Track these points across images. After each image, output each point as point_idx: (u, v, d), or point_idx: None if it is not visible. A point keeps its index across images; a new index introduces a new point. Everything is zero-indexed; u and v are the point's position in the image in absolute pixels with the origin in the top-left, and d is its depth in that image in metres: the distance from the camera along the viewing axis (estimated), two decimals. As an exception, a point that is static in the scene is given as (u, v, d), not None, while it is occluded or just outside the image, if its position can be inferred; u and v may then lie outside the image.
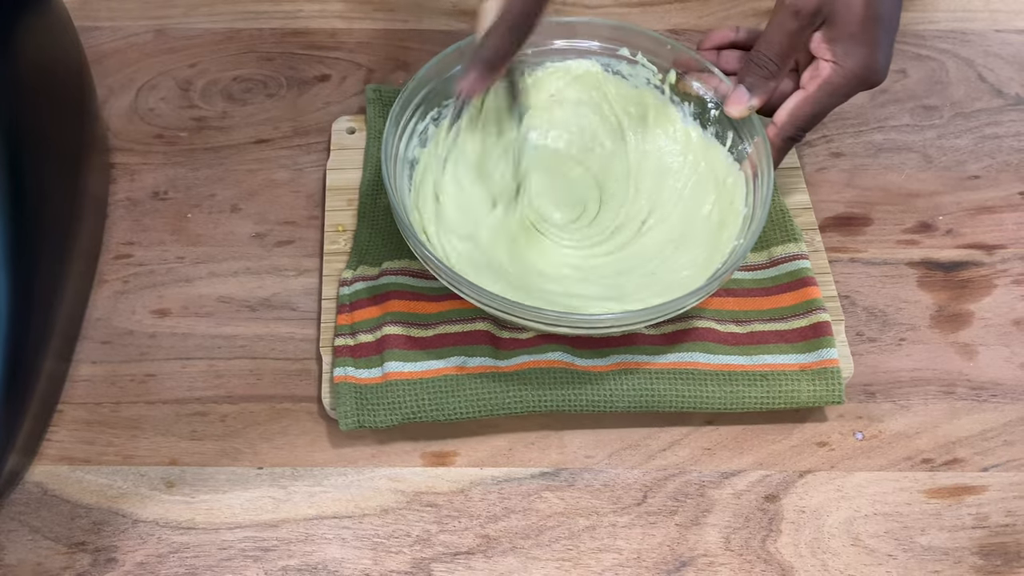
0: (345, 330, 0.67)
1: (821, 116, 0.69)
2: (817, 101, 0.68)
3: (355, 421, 0.64)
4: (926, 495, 0.64)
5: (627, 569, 0.61)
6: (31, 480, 0.63)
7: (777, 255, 0.71)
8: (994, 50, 0.87)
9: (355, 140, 0.77)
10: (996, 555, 0.62)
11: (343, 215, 0.74)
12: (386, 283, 0.69)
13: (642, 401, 0.65)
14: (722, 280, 0.63)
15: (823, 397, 0.65)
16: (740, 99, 0.68)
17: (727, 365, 0.66)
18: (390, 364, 0.65)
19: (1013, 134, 0.81)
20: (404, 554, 0.61)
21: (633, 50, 0.73)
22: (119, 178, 0.76)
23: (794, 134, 0.69)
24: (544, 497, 0.64)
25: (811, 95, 0.68)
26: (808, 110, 0.68)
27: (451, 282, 0.63)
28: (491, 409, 0.64)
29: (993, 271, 0.74)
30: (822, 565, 0.62)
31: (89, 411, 0.66)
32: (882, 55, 0.67)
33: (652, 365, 0.66)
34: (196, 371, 0.68)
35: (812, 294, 0.69)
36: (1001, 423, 0.67)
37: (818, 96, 0.68)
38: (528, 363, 0.65)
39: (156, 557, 0.61)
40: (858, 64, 0.67)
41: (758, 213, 0.66)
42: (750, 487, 0.64)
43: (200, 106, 0.81)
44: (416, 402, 0.64)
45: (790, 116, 0.69)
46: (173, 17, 0.86)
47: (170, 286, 0.71)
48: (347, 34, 0.86)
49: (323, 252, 0.72)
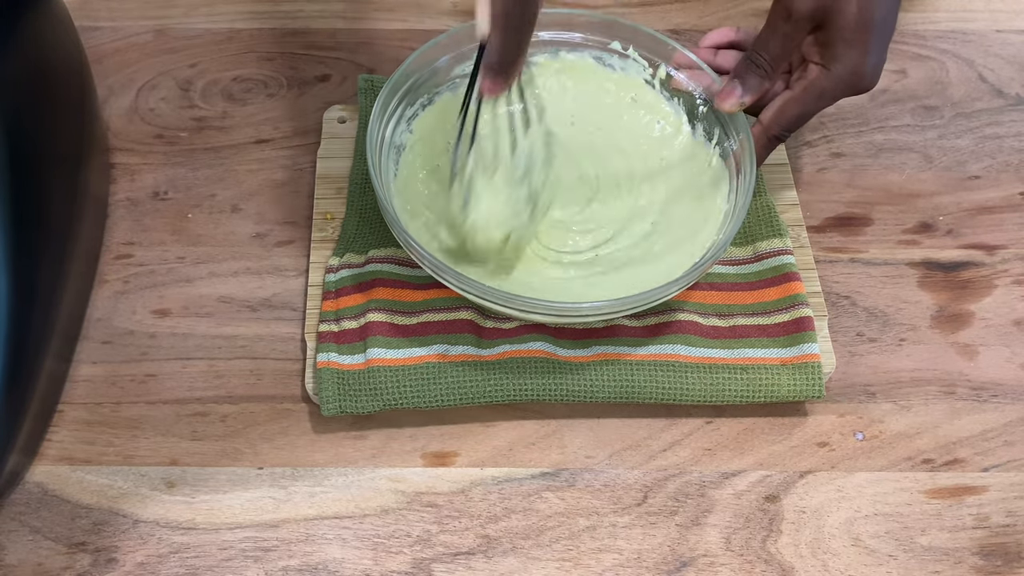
0: (330, 316, 0.67)
1: (807, 118, 0.69)
2: (803, 103, 0.68)
3: (337, 407, 0.64)
4: (927, 495, 0.65)
5: (627, 569, 0.61)
6: (31, 480, 0.63)
7: (762, 250, 0.71)
8: (994, 50, 0.87)
9: (346, 129, 0.78)
10: (996, 555, 0.62)
11: (332, 203, 0.74)
12: (372, 271, 0.69)
13: (622, 392, 0.65)
14: (702, 271, 0.64)
15: (803, 391, 0.66)
16: (732, 94, 0.69)
17: (708, 358, 0.66)
18: (373, 351, 0.65)
19: (1014, 134, 0.81)
20: (404, 554, 0.61)
21: (624, 44, 0.74)
22: (119, 178, 0.76)
23: (778, 133, 0.69)
24: (544, 497, 0.64)
25: (797, 96, 0.68)
26: (793, 111, 0.69)
27: (434, 269, 0.63)
28: (472, 397, 0.65)
29: (993, 271, 0.74)
30: (822, 565, 0.62)
31: (89, 411, 0.66)
32: (872, 62, 0.67)
33: (633, 356, 0.66)
34: (196, 371, 0.68)
35: (795, 289, 0.69)
36: (1001, 423, 0.67)
37: (804, 98, 0.68)
38: (510, 352, 0.66)
39: (156, 557, 0.61)
40: (846, 69, 0.67)
41: (740, 208, 0.66)
42: (750, 487, 0.64)
43: (200, 106, 0.81)
44: (398, 389, 0.64)
45: (775, 116, 0.69)
46: (173, 17, 0.86)
47: (170, 286, 0.71)
48: (347, 34, 0.86)
49: (311, 239, 0.72)
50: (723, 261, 0.72)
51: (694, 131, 0.73)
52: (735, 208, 0.67)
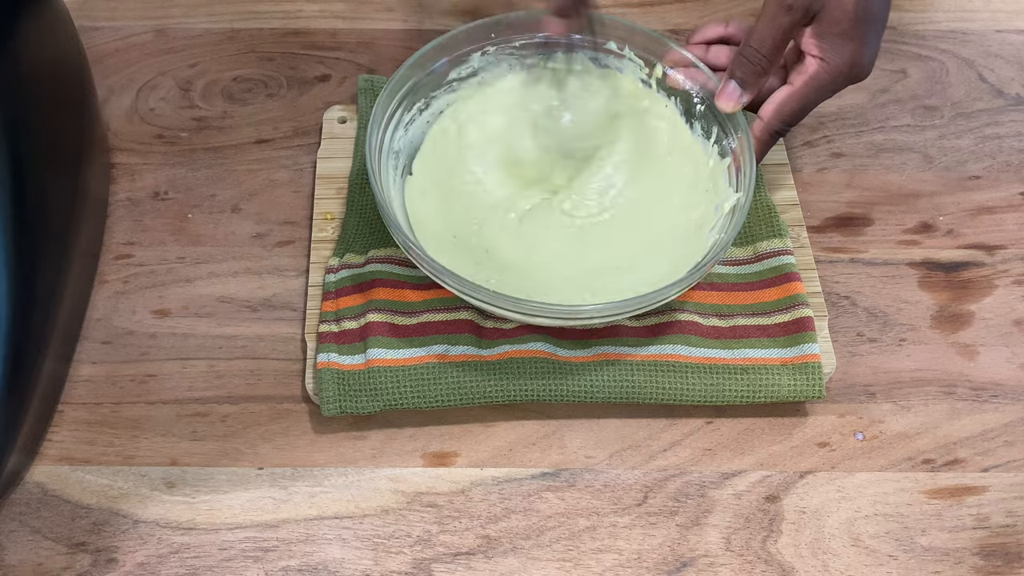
0: (330, 316, 0.67)
1: (807, 111, 0.69)
2: (803, 96, 0.68)
3: (337, 407, 0.64)
4: (927, 495, 0.65)
5: (627, 570, 0.61)
6: (31, 480, 0.63)
7: (762, 250, 0.71)
8: (994, 50, 0.87)
9: (346, 129, 0.78)
10: (997, 555, 0.62)
11: (332, 203, 0.74)
12: (372, 271, 0.69)
13: (623, 392, 0.65)
14: (703, 272, 0.64)
15: (804, 391, 0.66)
16: (731, 95, 0.69)
17: (708, 358, 0.66)
18: (373, 351, 0.65)
19: (1014, 134, 0.81)
20: (404, 554, 0.61)
21: (620, 44, 0.74)
22: (119, 178, 0.76)
23: (780, 128, 0.70)
24: (545, 497, 0.64)
25: (797, 91, 0.68)
26: (794, 105, 0.69)
27: (433, 272, 0.63)
28: (472, 398, 0.65)
29: (994, 271, 0.74)
30: (823, 566, 0.62)
31: (89, 411, 0.66)
32: (868, 52, 0.67)
33: (634, 357, 0.66)
34: (196, 371, 0.68)
35: (795, 289, 0.69)
36: (1002, 424, 0.67)
37: (804, 92, 0.68)
38: (510, 352, 0.66)
39: (156, 557, 0.61)
40: (845, 61, 0.67)
41: (740, 208, 0.66)
42: (751, 488, 0.64)
43: (200, 106, 0.81)
44: (398, 389, 0.64)
45: (776, 111, 0.69)
46: (173, 17, 0.86)
47: (170, 286, 0.71)
48: (347, 34, 0.86)
49: (311, 239, 0.72)
50: (723, 261, 0.72)
51: (692, 130, 0.73)
52: (736, 206, 0.67)
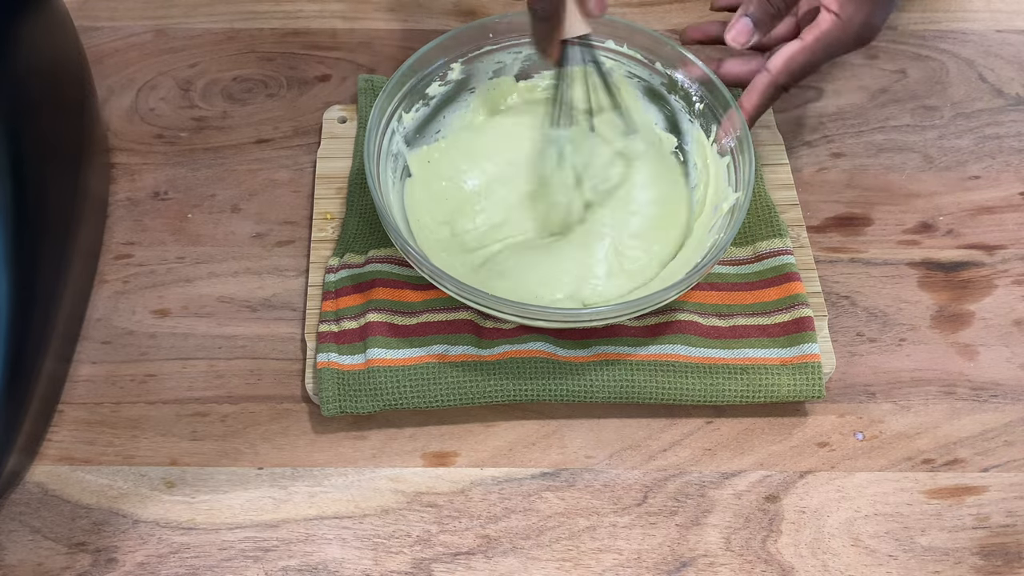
0: (330, 316, 0.67)
1: (814, 68, 0.70)
2: (813, 52, 0.69)
3: (337, 407, 0.64)
4: (927, 495, 0.64)
5: (627, 569, 0.61)
6: (31, 480, 0.63)
7: (762, 250, 0.71)
8: (994, 50, 0.87)
9: (346, 129, 0.78)
10: (997, 555, 0.62)
11: (332, 203, 0.74)
12: (371, 271, 0.69)
13: (622, 392, 0.65)
14: (703, 273, 0.64)
15: (803, 391, 0.66)
16: (743, 30, 0.69)
17: (708, 358, 0.66)
18: (373, 351, 0.65)
19: (1014, 134, 0.81)
20: (404, 554, 0.61)
21: (619, 43, 0.74)
22: (119, 178, 0.76)
23: (786, 82, 0.70)
24: (544, 497, 0.64)
25: (808, 45, 0.69)
26: (803, 59, 0.69)
27: (432, 276, 0.63)
28: (472, 398, 0.65)
29: (994, 271, 0.74)
30: (823, 566, 0.62)
31: (89, 411, 0.66)
32: (882, 13, 0.68)
33: (633, 357, 0.66)
34: (196, 371, 0.68)
35: (795, 289, 0.69)
36: (1002, 423, 0.67)
37: (814, 47, 0.69)
38: (510, 352, 0.66)
39: (156, 557, 0.61)
40: (858, 20, 0.67)
41: (740, 206, 0.66)
42: (751, 487, 0.64)
43: (200, 106, 0.81)
44: (398, 389, 0.64)
45: (785, 64, 0.69)
46: (173, 17, 0.86)
47: (170, 286, 0.71)
48: (347, 34, 0.86)
49: (311, 239, 0.72)
50: (723, 261, 0.72)
51: (692, 129, 0.73)
52: (736, 205, 0.67)
